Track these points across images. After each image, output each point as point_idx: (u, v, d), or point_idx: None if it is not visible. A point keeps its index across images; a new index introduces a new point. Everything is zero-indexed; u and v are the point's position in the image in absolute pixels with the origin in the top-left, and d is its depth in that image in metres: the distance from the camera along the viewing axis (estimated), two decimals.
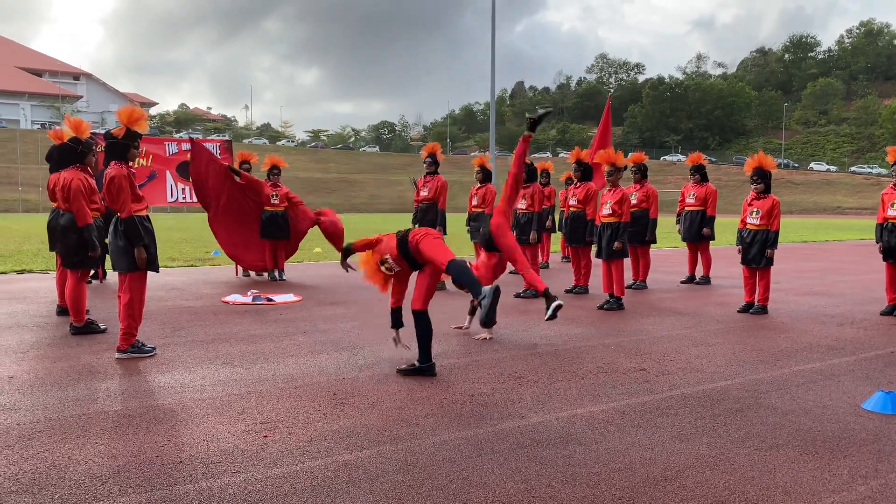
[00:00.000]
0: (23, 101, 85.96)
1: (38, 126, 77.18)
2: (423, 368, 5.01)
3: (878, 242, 7.98)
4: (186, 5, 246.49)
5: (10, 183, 58.58)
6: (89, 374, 4.99)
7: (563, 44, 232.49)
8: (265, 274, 10.93)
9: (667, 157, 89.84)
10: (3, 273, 11.20)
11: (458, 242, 18.36)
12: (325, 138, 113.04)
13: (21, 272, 11.27)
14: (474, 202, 11.19)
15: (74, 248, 6.36)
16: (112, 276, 10.02)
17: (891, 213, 7.84)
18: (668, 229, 20.41)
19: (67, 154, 6.41)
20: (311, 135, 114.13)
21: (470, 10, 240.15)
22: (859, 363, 5.55)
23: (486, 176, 11.00)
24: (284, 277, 10.60)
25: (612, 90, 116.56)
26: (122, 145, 5.42)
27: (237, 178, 10.14)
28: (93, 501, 2.93)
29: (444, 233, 9.93)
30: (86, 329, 6.37)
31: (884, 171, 79.04)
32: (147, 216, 5.56)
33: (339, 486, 3.11)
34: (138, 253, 5.34)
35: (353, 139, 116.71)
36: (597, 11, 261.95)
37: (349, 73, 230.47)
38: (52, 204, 6.66)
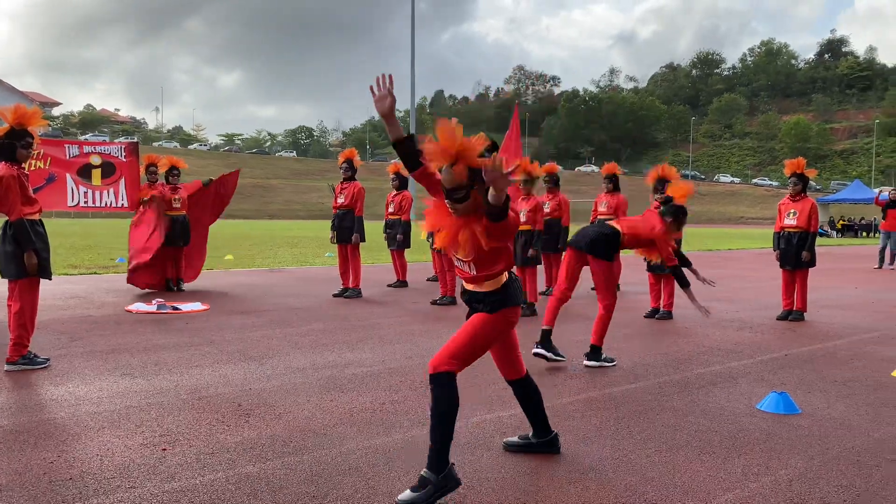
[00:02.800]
0: None
1: None
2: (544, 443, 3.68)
3: (775, 250, 8.41)
4: (106, 3, 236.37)
5: None
6: None
7: (488, 55, 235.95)
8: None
9: (581, 168, 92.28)
10: None
11: (377, 249, 18.29)
12: (239, 142, 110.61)
13: None
14: (391, 209, 11.17)
15: None
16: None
17: (787, 222, 8.27)
18: None
19: None
20: (224, 138, 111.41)
21: (399, 18, 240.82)
22: (755, 366, 5.80)
23: (402, 183, 11.01)
24: (184, 288, 10.12)
25: (530, 101, 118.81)
26: (9, 145, 5.15)
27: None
28: None
29: (363, 240, 9.83)
30: None
31: (776, 183, 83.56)
32: (40, 220, 5.28)
33: (240, 498, 3.01)
34: (28, 258, 5.06)
35: (268, 143, 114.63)
36: (522, 24, 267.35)
37: (274, 77, 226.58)
38: None
